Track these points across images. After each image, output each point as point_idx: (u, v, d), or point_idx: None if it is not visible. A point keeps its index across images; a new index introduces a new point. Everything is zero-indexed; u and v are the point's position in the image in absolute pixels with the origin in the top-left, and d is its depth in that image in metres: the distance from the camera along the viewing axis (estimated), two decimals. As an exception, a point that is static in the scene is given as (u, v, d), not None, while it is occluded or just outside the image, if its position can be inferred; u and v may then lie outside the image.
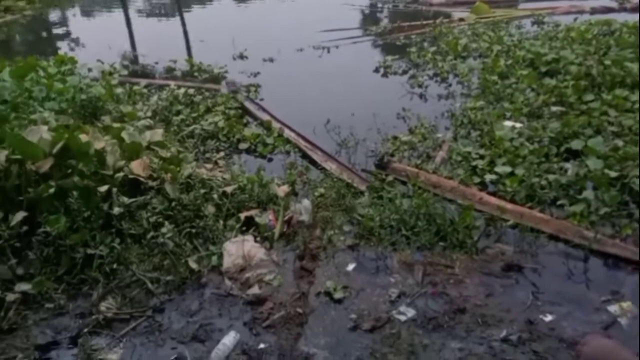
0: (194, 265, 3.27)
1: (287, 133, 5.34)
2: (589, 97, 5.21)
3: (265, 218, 3.71)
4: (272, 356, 2.67)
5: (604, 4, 9.65)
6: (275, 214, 3.77)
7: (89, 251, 3.29)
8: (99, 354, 2.78)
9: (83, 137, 3.88)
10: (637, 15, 8.26)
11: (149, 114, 5.57)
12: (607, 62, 5.77)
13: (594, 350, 1.44)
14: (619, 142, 4.28)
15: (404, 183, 4.20)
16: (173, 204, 3.62)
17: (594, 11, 9.21)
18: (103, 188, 3.55)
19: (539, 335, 2.70)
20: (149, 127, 4.71)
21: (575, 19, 8.37)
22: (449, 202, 3.89)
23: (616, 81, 5.44)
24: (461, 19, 9.19)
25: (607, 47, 6.42)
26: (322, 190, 4.16)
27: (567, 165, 4.13)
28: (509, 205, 3.72)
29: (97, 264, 3.26)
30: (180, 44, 9.56)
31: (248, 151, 5.11)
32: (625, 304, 2.86)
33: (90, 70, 6.91)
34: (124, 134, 4.18)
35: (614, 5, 9.58)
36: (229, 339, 2.72)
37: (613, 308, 2.86)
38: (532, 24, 8.75)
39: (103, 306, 3.05)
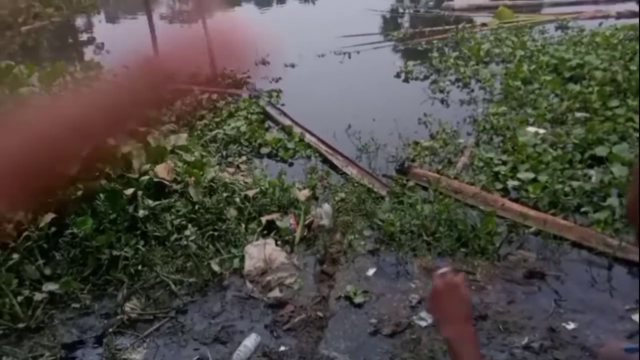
0: (216, 268, 3.32)
1: (308, 138, 5.38)
2: (614, 103, 5.13)
3: (286, 222, 3.75)
4: (292, 359, 2.70)
5: (630, 8, 9.49)
6: (296, 218, 3.80)
7: (115, 252, 3.37)
8: (123, 353, 2.84)
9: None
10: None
11: (173, 118, 5.66)
12: (633, 68, 5.69)
13: (612, 351, 1.44)
14: None
15: (425, 188, 4.20)
16: (196, 207, 3.68)
17: (619, 16, 9.07)
18: (129, 191, 3.64)
19: (561, 343, 2.68)
20: (173, 132, 4.79)
21: (601, 24, 8.26)
22: (471, 208, 3.88)
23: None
24: (484, 24, 9.14)
25: (633, 53, 6.32)
26: (342, 195, 4.18)
27: (591, 172, 4.08)
28: (532, 212, 3.69)
29: (122, 266, 3.34)
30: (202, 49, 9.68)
31: (269, 155, 5.16)
32: (651, 314, 2.82)
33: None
34: (149, 139, 4.26)
35: (641, 9, 9.41)
36: (250, 341, 2.76)
37: (637, 317, 2.82)
38: (556, 29, 8.66)
39: (127, 307, 3.11)
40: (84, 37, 12.51)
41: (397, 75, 7.27)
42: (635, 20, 8.06)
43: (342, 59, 8.31)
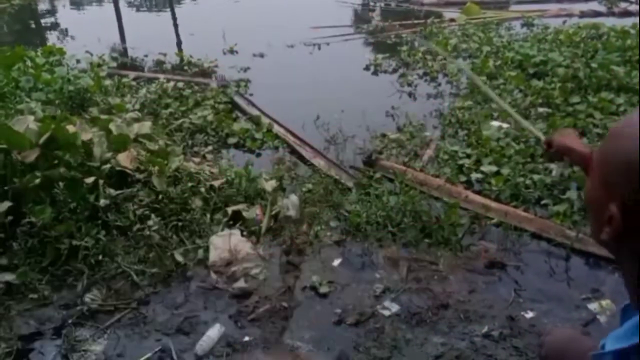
0: (180, 258, 3.27)
1: (276, 128, 5.35)
2: (575, 99, 5.28)
3: (252, 213, 3.72)
4: (256, 349, 2.69)
5: (593, 7, 9.76)
6: (263, 208, 3.78)
7: (74, 242, 3.28)
8: (83, 345, 2.77)
9: (70, 128, 3.87)
10: (625, 19, 8.38)
11: (138, 106, 5.54)
12: (594, 65, 5.85)
13: (556, 339, 1.48)
14: (603, 144, 4.34)
15: (391, 180, 4.23)
16: (160, 196, 3.61)
17: (582, 15, 9.32)
18: (89, 179, 3.54)
19: (519, 331, 2.75)
20: (137, 120, 4.68)
21: (564, 22, 8.47)
22: (435, 200, 3.93)
23: (602, 84, 5.51)
24: (452, 19, 9.25)
25: (594, 51, 6.51)
26: (309, 186, 4.18)
27: (552, 165, 4.19)
28: (494, 204, 3.76)
29: (82, 256, 3.25)
30: (170, 37, 9.51)
31: (237, 146, 5.11)
32: (605, 302, 2.92)
33: (78, 61, 6.87)
34: (111, 126, 4.16)
35: (603, 9, 9.69)
36: (214, 332, 2.73)
37: (593, 306, 2.91)
38: (521, 26, 8.83)
39: (87, 298, 3.04)
40: (47, 22, 12.09)
41: (367, 68, 7.30)
42: (596, 20, 8.30)
43: (312, 50, 8.28)
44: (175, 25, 10.72)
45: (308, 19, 9.53)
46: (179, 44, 9.07)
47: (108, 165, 3.71)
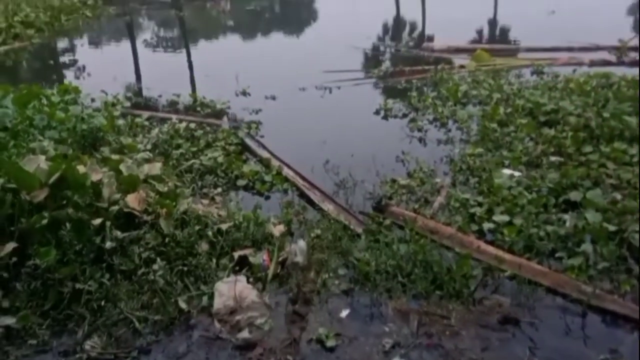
0: (183, 305, 3.20)
1: (286, 171, 5.33)
2: (588, 148, 5.23)
3: (259, 258, 3.66)
4: (259, 406, 2.58)
5: (602, 56, 9.82)
6: (270, 254, 3.72)
7: (78, 286, 3.23)
8: (80, 395, 2.68)
9: (80, 168, 3.88)
10: (635, 69, 8.42)
11: (149, 146, 5.57)
12: (606, 115, 5.82)
13: None
14: (618, 196, 4.27)
15: (401, 227, 4.16)
16: (167, 239, 3.57)
17: (592, 64, 9.36)
18: (97, 221, 3.52)
19: (535, 394, 2.62)
20: (148, 160, 4.70)
21: (574, 71, 8.51)
22: (447, 250, 3.85)
23: (615, 134, 5.47)
24: (462, 66, 9.33)
25: (605, 100, 6.49)
26: (318, 231, 4.12)
27: (566, 216, 4.11)
28: (507, 256, 3.67)
29: (84, 300, 3.20)
30: (184, 77, 9.68)
31: (246, 188, 5.09)
32: (624, 365, 2.79)
33: (93, 100, 6.98)
34: (122, 167, 4.17)
35: (613, 58, 9.74)
36: (216, 386, 2.63)
37: (612, 368, 2.79)
38: (531, 73, 8.88)
39: (88, 345, 2.97)
40: (65, 59, 12.39)
41: (377, 112, 7.33)
42: (606, 69, 8.34)
43: (323, 94, 8.36)
44: (190, 66, 10.93)
45: (320, 62, 9.67)
46: (192, 84, 9.21)
47: (116, 207, 3.70)
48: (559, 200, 4.35)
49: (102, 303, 3.19)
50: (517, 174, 4.86)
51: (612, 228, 3.82)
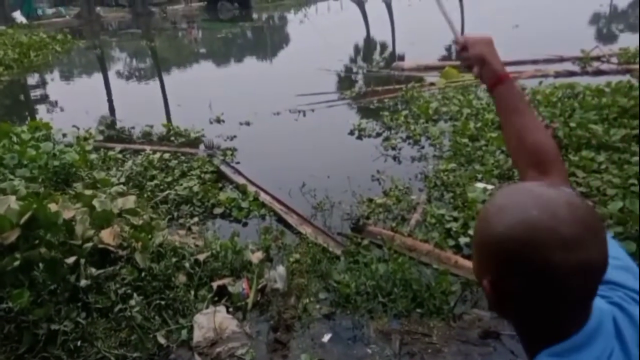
0: (162, 340, 3.15)
1: (263, 196, 5.34)
2: (557, 158, 5.35)
3: (238, 287, 3.63)
4: None
5: (567, 67, 10.13)
6: (249, 282, 3.69)
7: (53, 327, 3.15)
8: None
9: (52, 207, 3.82)
10: (599, 78, 8.68)
11: (123, 179, 5.53)
12: (573, 124, 5.99)
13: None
14: (589, 203, 4.36)
15: (379, 247, 4.19)
16: (143, 274, 3.52)
17: (557, 75, 9.64)
18: (71, 259, 3.45)
19: (519, 407, 2.63)
20: (122, 194, 4.65)
21: (540, 83, 8.74)
22: (425, 266, 3.88)
23: (582, 142, 5.63)
24: (432, 84, 9.52)
25: (571, 110, 6.68)
26: (297, 255, 4.11)
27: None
28: (484, 269, 3.71)
29: (60, 341, 3.11)
30: (158, 107, 9.67)
31: (223, 216, 5.07)
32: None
33: (64, 135, 6.89)
34: (95, 202, 4.11)
35: (577, 69, 10.06)
36: (198, 421, 2.58)
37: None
38: (499, 87, 9.09)
39: (64, 387, 2.88)
40: (36, 95, 12.27)
41: (351, 133, 7.40)
42: (571, 80, 8.59)
43: (297, 117, 8.43)
44: (163, 96, 10.92)
45: (293, 86, 9.78)
46: (166, 114, 9.20)
47: (90, 244, 3.64)
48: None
49: (79, 343, 3.11)
50: (490, 187, 4.95)
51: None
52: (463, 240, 4.17)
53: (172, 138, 7.24)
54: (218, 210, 5.11)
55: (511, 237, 0.82)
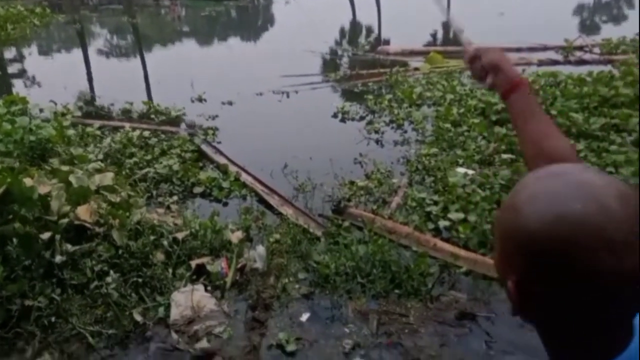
0: (139, 318, 3.12)
1: (244, 177, 5.29)
2: (537, 145, 5.39)
3: (217, 266, 3.61)
4: (218, 415, 2.54)
5: (550, 56, 10.19)
6: (228, 261, 3.67)
7: (27, 302, 3.10)
8: (31, 417, 2.57)
9: (27, 181, 3.73)
10: (581, 68, 8.76)
11: (101, 156, 5.43)
12: (554, 112, 6.04)
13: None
14: None
15: (360, 229, 4.19)
16: (120, 251, 3.47)
17: (540, 63, 9.70)
18: (46, 235, 3.39)
19: (492, 386, 2.68)
20: (99, 170, 4.57)
21: (523, 71, 8.77)
22: (404, 249, 3.90)
23: (562, 131, 5.65)
24: (416, 68, 9.50)
25: (553, 98, 6.73)
26: (277, 236, 4.10)
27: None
28: (463, 252, 3.75)
29: (34, 317, 3.07)
30: (138, 85, 9.48)
31: (203, 195, 5.01)
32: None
33: (41, 110, 6.72)
34: (71, 178, 4.03)
35: (560, 58, 10.13)
36: (173, 398, 2.57)
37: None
38: (483, 74, 9.12)
39: (38, 363, 2.85)
40: (13, 69, 11.93)
41: (334, 116, 7.37)
42: (554, 68, 8.65)
43: (281, 98, 8.35)
44: (144, 73, 10.71)
45: (277, 67, 9.67)
46: (147, 92, 9.04)
47: (66, 220, 3.57)
48: (511, 196, 4.46)
49: (53, 319, 3.07)
50: (470, 172, 4.98)
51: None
52: (442, 223, 4.19)
53: (153, 116, 7.12)
54: (198, 190, 5.05)
55: (547, 235, 0.67)
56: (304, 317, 3.25)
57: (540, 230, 0.67)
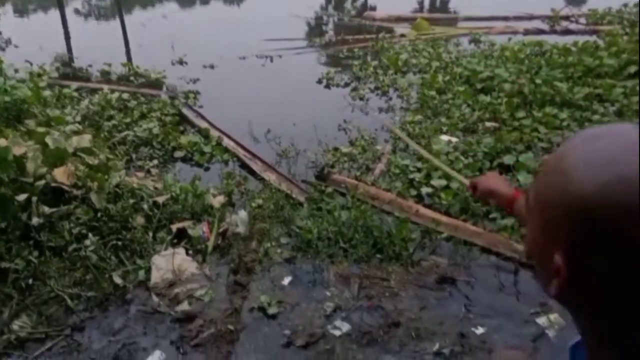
0: (118, 281, 3.08)
1: (226, 142, 5.21)
2: (521, 114, 5.40)
3: (198, 230, 3.57)
4: (199, 376, 2.55)
5: (536, 25, 10.14)
6: (210, 225, 3.64)
7: (3, 265, 3.04)
8: (9, 377, 2.56)
9: (2, 142, 3.61)
10: (566, 37, 8.73)
11: (78, 118, 5.29)
12: (538, 81, 6.03)
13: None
14: (548, 158, 4.44)
15: (343, 195, 4.18)
16: (99, 214, 3.41)
17: (526, 32, 9.65)
18: (22, 197, 3.31)
19: (470, 348, 2.72)
20: (77, 133, 4.45)
21: (510, 39, 8.73)
22: (387, 215, 3.90)
23: (546, 99, 5.68)
24: (402, 35, 9.38)
25: (538, 67, 6.71)
26: (260, 201, 4.07)
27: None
28: (444, 218, 3.76)
29: (11, 279, 3.02)
30: (118, 47, 9.21)
31: (184, 160, 4.94)
32: (553, 316, 2.94)
33: (17, 71, 6.50)
34: (48, 139, 3.92)
35: (546, 27, 10.08)
36: (154, 359, 2.57)
37: (541, 320, 2.93)
38: (469, 42, 9.06)
39: (16, 325, 2.81)
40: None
41: (319, 81, 7.26)
42: (540, 37, 8.61)
43: (264, 63, 8.20)
44: (124, 35, 10.40)
45: (261, 31, 9.46)
46: (127, 54, 8.79)
47: (43, 182, 3.48)
48: (494, 164, 4.48)
49: (31, 281, 3.02)
50: (454, 139, 4.97)
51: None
52: (425, 190, 4.20)
53: (132, 78, 6.93)
54: (179, 154, 4.97)
55: (608, 201, 0.60)
56: (286, 280, 3.26)
57: (598, 195, 0.61)
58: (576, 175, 0.63)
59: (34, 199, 3.34)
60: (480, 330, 2.84)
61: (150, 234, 3.46)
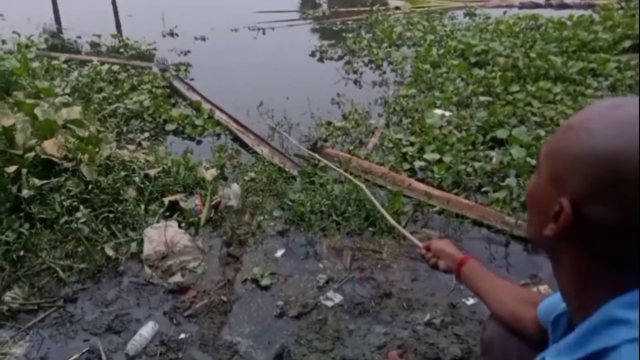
0: (110, 252, 3.08)
1: (218, 115, 5.16)
2: (515, 88, 5.39)
3: (191, 203, 3.56)
4: (192, 346, 2.56)
5: (531, -1, 10.04)
6: (202, 198, 3.63)
7: (-6, 237, 3.03)
8: (3, 348, 2.56)
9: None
10: (562, 11, 8.66)
11: (68, 90, 5.20)
12: (533, 55, 6.00)
13: (491, 335, 1.54)
14: (541, 132, 4.45)
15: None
16: (90, 187, 3.38)
17: (522, 6, 9.56)
18: (11, 169, 3.28)
19: (460, 318, 2.76)
20: (66, 104, 4.39)
21: (505, 13, 8.66)
22: (380, 188, 3.90)
23: (540, 74, 5.66)
24: (397, 8, 9.27)
25: (533, 41, 6.67)
26: (252, 174, 4.05)
27: (492, 153, 4.25)
28: (436, 192, 3.77)
29: (2, 251, 3.00)
30: (107, 17, 9.03)
31: (175, 132, 4.90)
32: (542, 288, 2.98)
33: (4, 42, 6.40)
34: (37, 111, 3.86)
35: (541, 1, 9.98)
36: (147, 330, 2.58)
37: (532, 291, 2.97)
38: (464, 15, 8.97)
39: (8, 296, 2.81)
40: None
41: (312, 54, 7.18)
42: (535, 11, 8.53)
43: (257, 35, 8.08)
44: (114, 5, 10.18)
45: (252, 2, 9.30)
46: (117, 25, 8.62)
47: (32, 153, 3.45)
48: (487, 138, 4.48)
49: (22, 253, 3.01)
50: (447, 113, 4.95)
51: (535, 162, 3.98)
52: (418, 164, 4.20)
53: (122, 50, 6.82)
54: (170, 127, 4.92)
55: (624, 154, 0.69)
56: (279, 253, 3.26)
57: (615, 149, 0.70)
58: (596, 131, 0.73)
59: (24, 171, 3.31)
60: (470, 301, 2.88)
61: (142, 206, 3.45)
